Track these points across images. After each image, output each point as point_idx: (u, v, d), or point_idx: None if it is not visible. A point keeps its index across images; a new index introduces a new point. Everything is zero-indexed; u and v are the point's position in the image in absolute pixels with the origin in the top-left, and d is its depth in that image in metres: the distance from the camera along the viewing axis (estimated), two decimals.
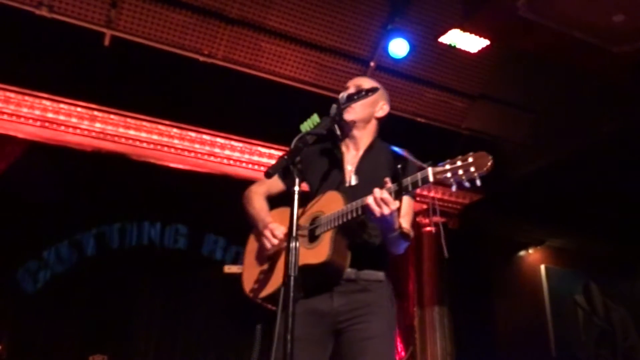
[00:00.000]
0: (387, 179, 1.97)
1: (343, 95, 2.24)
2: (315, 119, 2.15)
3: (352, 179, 2.28)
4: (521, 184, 6.32)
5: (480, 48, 5.09)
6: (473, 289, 6.65)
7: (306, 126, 2.14)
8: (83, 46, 4.73)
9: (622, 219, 6.95)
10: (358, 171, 2.30)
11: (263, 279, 2.27)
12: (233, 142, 5.51)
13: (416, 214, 6.51)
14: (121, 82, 4.95)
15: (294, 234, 1.81)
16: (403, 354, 6.10)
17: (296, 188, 1.88)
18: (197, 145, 5.43)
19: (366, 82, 2.41)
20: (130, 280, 5.47)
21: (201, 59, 4.97)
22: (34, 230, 5.20)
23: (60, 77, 4.80)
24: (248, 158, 5.58)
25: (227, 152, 5.52)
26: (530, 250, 7.79)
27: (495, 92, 5.88)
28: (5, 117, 4.83)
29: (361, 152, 2.35)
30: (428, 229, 6.48)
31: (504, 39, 4.97)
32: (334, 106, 2.18)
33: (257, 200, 2.42)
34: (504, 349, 6.74)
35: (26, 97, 4.81)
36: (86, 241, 5.56)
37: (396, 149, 2.23)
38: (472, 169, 1.81)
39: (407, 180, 1.93)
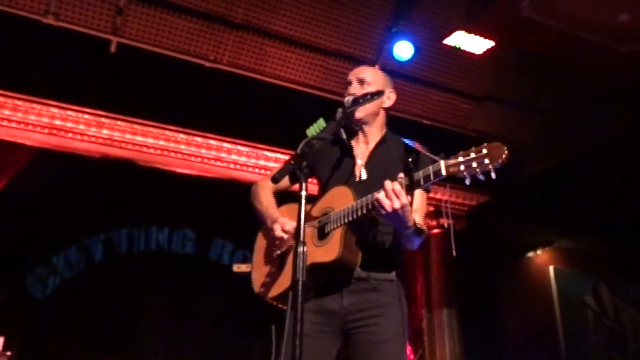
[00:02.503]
0: (401, 174, 1.90)
1: (348, 99, 2.22)
2: (321, 123, 2.14)
3: (362, 174, 2.23)
4: (528, 185, 6.30)
5: (485, 49, 5.08)
6: (481, 291, 6.63)
7: (312, 130, 2.13)
8: (90, 53, 4.77)
9: (631, 219, 6.90)
10: (368, 165, 2.25)
11: (272, 278, 2.21)
12: (239, 147, 5.52)
13: None
14: (128, 89, 4.98)
15: (301, 238, 1.79)
16: (412, 356, 6.08)
17: (303, 193, 1.85)
18: (203, 151, 5.45)
19: (368, 75, 2.34)
20: (138, 285, 5.48)
21: (207, 64, 4.99)
22: (43, 236, 5.23)
23: (67, 85, 4.84)
24: (254, 162, 5.59)
25: (233, 156, 5.53)
26: (539, 252, 7.76)
27: (501, 93, 5.86)
28: (13, 124, 4.87)
29: (372, 145, 2.30)
30: (436, 231, 6.47)
31: (509, 39, 4.96)
32: (340, 110, 2.16)
33: (264, 196, 2.35)
34: (513, 350, 6.71)
35: (34, 105, 4.85)
36: (94, 247, 5.59)
37: (408, 141, 2.18)
38: (487, 160, 1.73)
39: (419, 174, 1.86)
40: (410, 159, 1.97)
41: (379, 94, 2.23)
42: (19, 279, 5.20)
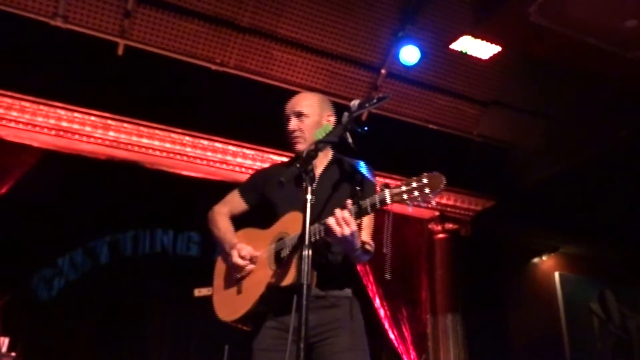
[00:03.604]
0: (349, 201, 2.01)
1: (354, 103, 2.22)
2: (327, 127, 2.15)
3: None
4: (534, 190, 6.28)
5: (491, 54, 5.08)
6: (486, 297, 6.60)
7: (318, 134, 2.14)
8: (97, 56, 4.79)
9: (638, 225, 6.86)
10: (316, 189, 2.23)
11: (233, 301, 2.28)
12: (245, 150, 5.53)
13: (428, 221, 6.49)
14: (134, 91, 5.00)
15: (306, 242, 1.82)
16: None
17: (308, 197, 1.88)
18: (209, 153, 5.45)
19: (305, 106, 2.38)
20: (143, 287, 5.49)
21: (213, 67, 5.01)
22: (49, 238, 5.24)
23: (75, 87, 4.86)
24: (260, 166, 5.58)
25: (239, 159, 5.54)
26: (544, 257, 7.71)
27: (507, 99, 5.86)
28: (20, 126, 4.89)
29: (319, 170, 2.34)
30: (441, 236, 6.45)
31: (516, 45, 4.95)
32: (346, 114, 2.17)
33: (221, 221, 2.44)
34: (518, 357, 6.67)
35: (41, 107, 4.87)
36: (100, 249, 5.60)
37: (355, 163, 2.23)
38: (427, 190, 1.86)
39: (367, 202, 1.97)
40: (357, 188, 2.10)
41: (385, 98, 2.24)
42: (25, 280, 5.22)
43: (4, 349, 4.33)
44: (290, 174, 2.00)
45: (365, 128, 2.08)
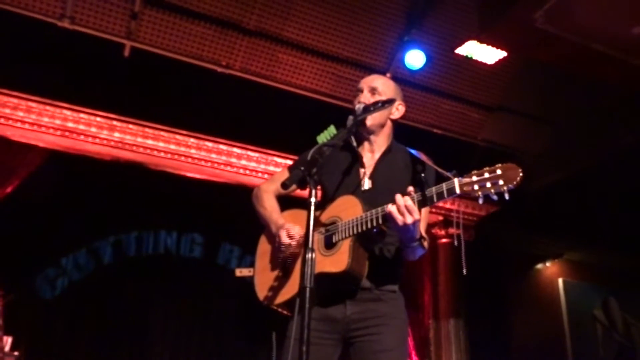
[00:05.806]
0: (411, 188, 1.90)
1: (359, 106, 2.22)
2: (331, 130, 2.14)
3: (366, 183, 2.22)
4: (539, 196, 6.26)
5: (497, 59, 5.08)
6: (489, 302, 6.58)
7: (323, 137, 2.14)
8: (103, 57, 4.81)
9: None
10: (373, 175, 2.24)
11: (277, 284, 2.18)
12: (249, 152, 5.54)
13: (432, 225, 6.48)
14: (140, 93, 5.02)
15: (310, 245, 1.77)
16: None
17: (312, 200, 1.84)
18: (213, 155, 5.47)
19: (380, 84, 2.34)
20: (146, 288, 5.50)
21: (219, 69, 5.03)
22: (53, 237, 5.26)
23: (81, 88, 4.88)
24: (264, 168, 5.60)
25: (243, 162, 5.55)
26: (548, 264, 7.69)
27: (512, 104, 5.85)
28: (26, 126, 4.92)
29: (377, 155, 2.29)
30: (444, 240, 6.44)
31: (522, 50, 4.95)
32: (351, 117, 2.16)
33: (268, 200, 2.32)
34: None
35: (47, 107, 4.90)
36: (103, 249, 5.62)
37: (414, 151, 2.18)
38: (501, 182, 1.74)
39: (432, 191, 1.86)
40: (422, 175, 2.00)
41: (390, 102, 2.23)
42: (28, 279, 5.24)
43: (7, 348, 4.34)
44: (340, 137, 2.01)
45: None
